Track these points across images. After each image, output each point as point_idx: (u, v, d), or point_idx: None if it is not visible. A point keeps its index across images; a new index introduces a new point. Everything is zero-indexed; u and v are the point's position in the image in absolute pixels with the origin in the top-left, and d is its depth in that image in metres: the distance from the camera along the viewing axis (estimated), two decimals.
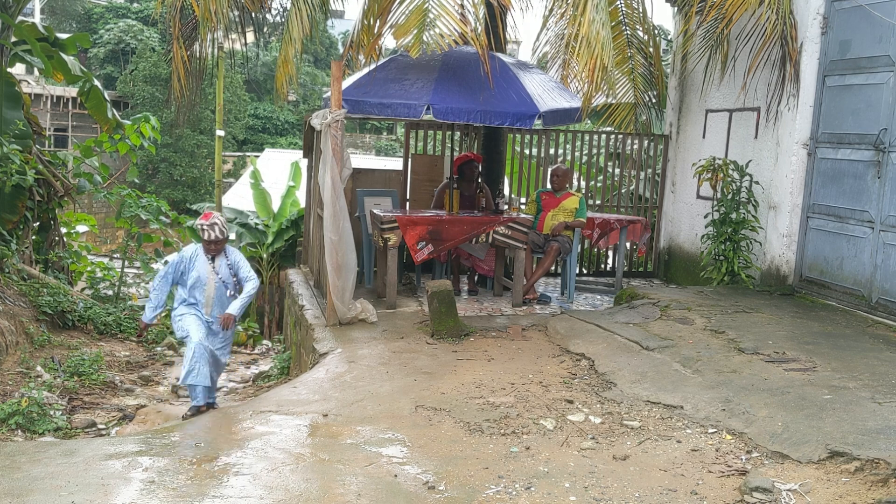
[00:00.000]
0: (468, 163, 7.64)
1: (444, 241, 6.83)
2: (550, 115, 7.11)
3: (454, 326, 6.05)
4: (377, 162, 24.48)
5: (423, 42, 6.16)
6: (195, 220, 5.89)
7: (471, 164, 7.64)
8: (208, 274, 5.83)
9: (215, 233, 5.76)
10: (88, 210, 19.08)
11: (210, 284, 5.84)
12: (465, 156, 7.77)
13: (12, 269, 7.91)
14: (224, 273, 5.87)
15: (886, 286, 6.10)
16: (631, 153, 9.31)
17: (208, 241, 5.77)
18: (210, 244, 5.79)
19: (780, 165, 7.16)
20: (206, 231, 5.75)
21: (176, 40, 7.27)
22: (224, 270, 5.88)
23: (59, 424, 5.59)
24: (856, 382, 4.48)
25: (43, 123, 17.67)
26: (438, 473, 3.56)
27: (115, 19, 37.85)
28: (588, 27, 6.15)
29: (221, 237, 5.80)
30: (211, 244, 5.79)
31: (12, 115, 8.13)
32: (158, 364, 7.93)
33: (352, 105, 6.66)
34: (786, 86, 6.95)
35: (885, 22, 6.13)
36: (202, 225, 5.79)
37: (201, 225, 5.80)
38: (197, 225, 5.88)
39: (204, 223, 5.78)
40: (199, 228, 5.80)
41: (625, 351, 5.35)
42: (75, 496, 3.26)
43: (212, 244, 5.79)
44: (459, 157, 7.82)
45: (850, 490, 3.26)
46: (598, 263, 9.56)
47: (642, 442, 3.92)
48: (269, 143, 35.96)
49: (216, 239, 5.77)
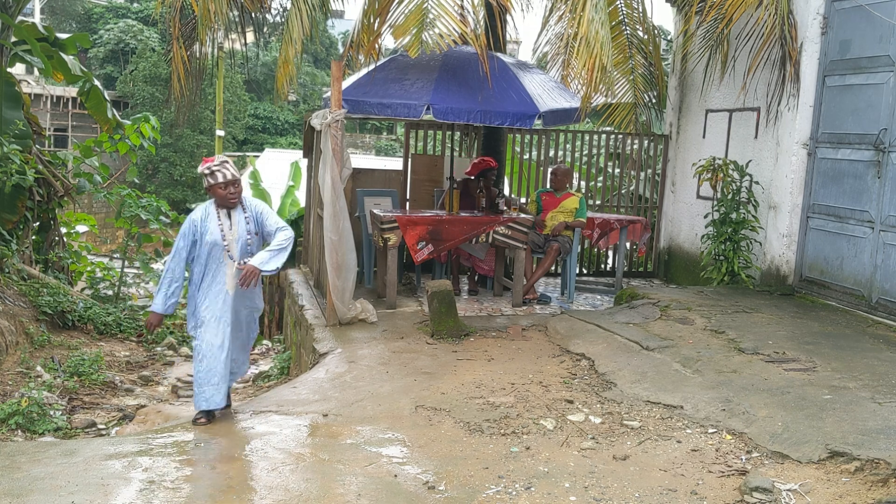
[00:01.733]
0: (489, 170, 7.60)
1: (444, 241, 6.83)
2: (550, 115, 7.11)
3: (454, 326, 6.05)
4: (377, 162, 24.48)
5: (423, 42, 6.16)
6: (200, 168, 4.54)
7: (490, 171, 7.61)
8: (226, 235, 4.52)
9: (231, 171, 4.48)
10: (88, 210, 19.07)
11: (231, 248, 4.52)
12: (485, 162, 7.67)
13: (12, 269, 7.91)
14: (245, 229, 4.56)
15: (886, 286, 6.10)
16: (631, 153, 9.31)
17: (225, 184, 4.45)
18: (227, 188, 4.47)
19: (780, 165, 7.16)
20: (219, 172, 4.44)
21: (176, 40, 7.27)
22: (244, 227, 4.55)
23: (59, 424, 5.59)
24: (856, 382, 4.48)
25: (43, 123, 17.66)
26: (438, 473, 3.56)
27: (115, 19, 37.85)
28: (587, 26, 6.15)
29: (238, 177, 4.55)
30: (229, 187, 4.47)
31: (12, 115, 8.13)
32: (158, 364, 7.93)
33: (352, 105, 6.66)
34: (786, 86, 6.95)
35: (885, 22, 6.13)
36: (210, 167, 4.47)
37: (209, 168, 4.47)
38: (204, 170, 4.50)
39: (211, 165, 4.48)
40: (209, 172, 4.46)
41: (625, 351, 5.34)
42: (75, 496, 3.26)
43: (230, 187, 4.47)
44: (478, 162, 7.73)
45: (850, 490, 3.26)
46: (598, 263, 9.56)
47: (642, 442, 3.92)
48: (269, 143, 35.96)
49: (233, 179, 4.47)
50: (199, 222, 4.53)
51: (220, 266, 4.55)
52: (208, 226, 4.52)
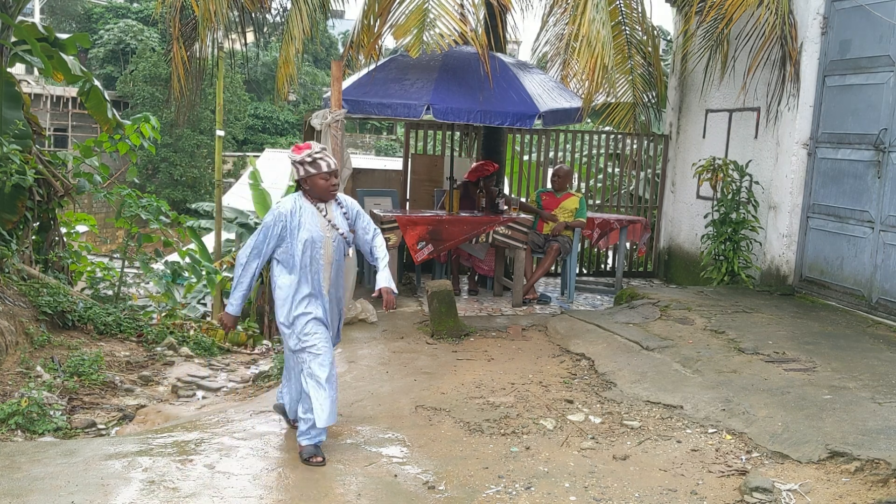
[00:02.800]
0: (488, 177, 7.61)
1: (444, 241, 6.83)
2: (550, 115, 7.12)
3: (454, 326, 6.05)
4: (377, 162, 24.47)
5: (423, 42, 6.16)
6: (290, 155, 3.95)
7: (490, 178, 7.62)
8: (323, 231, 3.92)
9: (332, 160, 3.94)
10: (88, 210, 19.07)
11: (327, 246, 3.94)
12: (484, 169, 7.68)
13: (12, 269, 7.91)
14: (343, 226, 4.00)
15: (886, 286, 6.10)
16: (631, 153, 9.31)
17: (328, 174, 3.88)
18: (330, 178, 3.90)
19: (780, 165, 7.16)
20: (322, 160, 3.87)
21: (176, 40, 7.27)
22: (342, 222, 4.01)
23: (59, 424, 5.58)
24: (856, 382, 4.48)
25: (43, 123, 17.66)
26: (438, 473, 3.56)
27: (115, 19, 37.85)
28: (588, 27, 6.15)
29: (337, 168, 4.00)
30: (331, 177, 3.90)
31: (12, 115, 8.13)
32: (158, 364, 7.92)
33: (352, 105, 6.66)
34: (786, 86, 6.95)
35: (885, 22, 6.13)
36: (312, 154, 3.87)
37: (310, 155, 3.86)
38: (304, 157, 3.86)
39: (312, 152, 3.88)
40: (310, 160, 3.85)
41: (625, 351, 5.34)
42: (75, 496, 3.26)
43: (332, 177, 3.91)
44: (477, 167, 7.73)
45: (850, 490, 3.26)
46: (598, 263, 9.56)
47: (642, 442, 3.92)
48: (269, 143, 35.97)
49: (336, 168, 3.94)
50: (289, 216, 3.89)
51: (318, 267, 3.92)
52: (303, 220, 3.89)
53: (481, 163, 7.77)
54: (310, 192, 3.94)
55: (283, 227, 3.90)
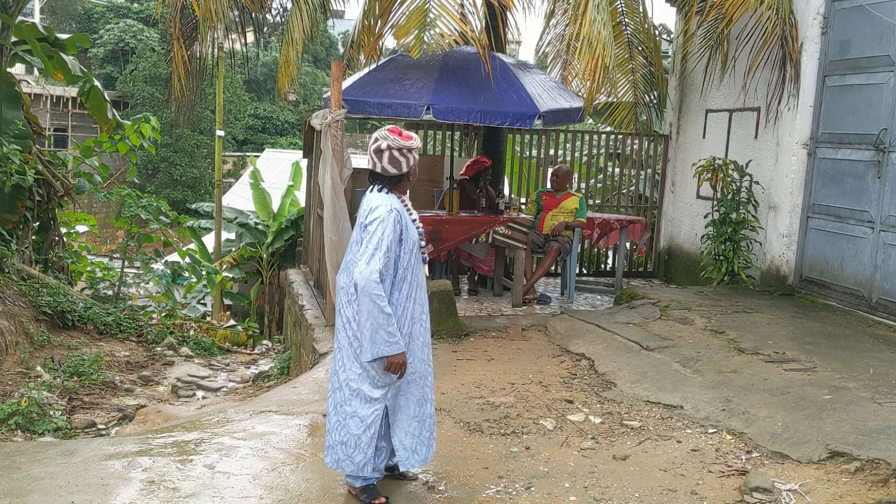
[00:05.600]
0: (485, 170, 7.63)
1: (444, 241, 6.83)
2: (550, 115, 7.11)
3: (454, 326, 6.05)
4: None
5: (424, 42, 6.16)
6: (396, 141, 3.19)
7: (486, 171, 7.64)
8: (415, 232, 3.33)
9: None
10: (88, 210, 19.06)
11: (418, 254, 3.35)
12: (479, 163, 7.69)
13: (12, 269, 7.91)
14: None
15: (886, 286, 6.10)
16: (631, 153, 9.31)
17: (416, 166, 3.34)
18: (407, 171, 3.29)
19: (780, 165, 7.16)
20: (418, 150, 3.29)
21: (176, 40, 7.27)
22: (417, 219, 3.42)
23: (59, 424, 5.59)
24: (856, 382, 4.48)
25: (43, 123, 17.66)
26: (438, 473, 3.56)
27: (116, 19, 37.83)
28: (589, 27, 6.15)
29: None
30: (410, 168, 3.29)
31: (12, 115, 8.13)
32: (158, 364, 7.93)
33: (352, 105, 6.66)
34: (786, 86, 6.95)
35: (885, 22, 6.13)
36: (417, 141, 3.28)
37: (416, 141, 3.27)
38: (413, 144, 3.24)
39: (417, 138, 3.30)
40: (417, 146, 3.27)
41: (625, 351, 5.34)
42: (75, 496, 3.26)
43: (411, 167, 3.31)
44: (472, 163, 7.74)
45: (850, 490, 3.26)
46: (598, 263, 9.56)
47: (642, 442, 3.92)
48: (269, 143, 35.96)
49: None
50: (397, 214, 3.19)
51: (420, 272, 3.34)
52: (407, 220, 3.27)
53: (476, 158, 7.78)
54: (402, 187, 3.31)
55: (401, 229, 3.19)
